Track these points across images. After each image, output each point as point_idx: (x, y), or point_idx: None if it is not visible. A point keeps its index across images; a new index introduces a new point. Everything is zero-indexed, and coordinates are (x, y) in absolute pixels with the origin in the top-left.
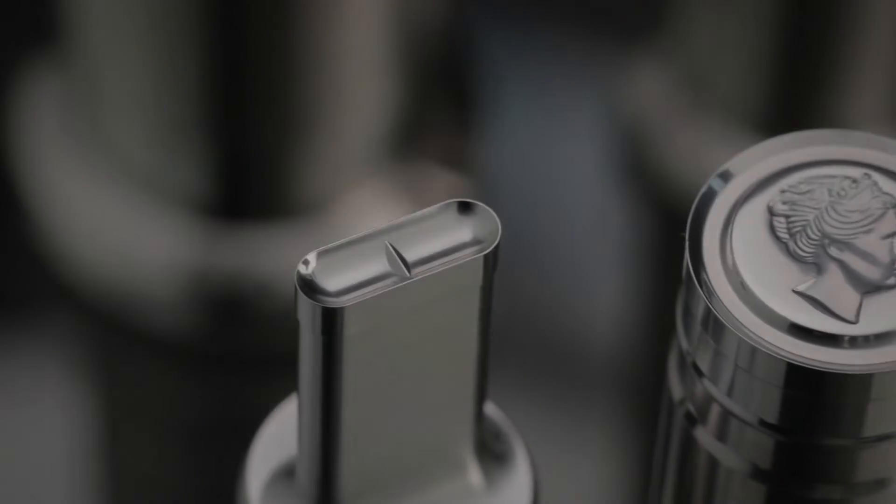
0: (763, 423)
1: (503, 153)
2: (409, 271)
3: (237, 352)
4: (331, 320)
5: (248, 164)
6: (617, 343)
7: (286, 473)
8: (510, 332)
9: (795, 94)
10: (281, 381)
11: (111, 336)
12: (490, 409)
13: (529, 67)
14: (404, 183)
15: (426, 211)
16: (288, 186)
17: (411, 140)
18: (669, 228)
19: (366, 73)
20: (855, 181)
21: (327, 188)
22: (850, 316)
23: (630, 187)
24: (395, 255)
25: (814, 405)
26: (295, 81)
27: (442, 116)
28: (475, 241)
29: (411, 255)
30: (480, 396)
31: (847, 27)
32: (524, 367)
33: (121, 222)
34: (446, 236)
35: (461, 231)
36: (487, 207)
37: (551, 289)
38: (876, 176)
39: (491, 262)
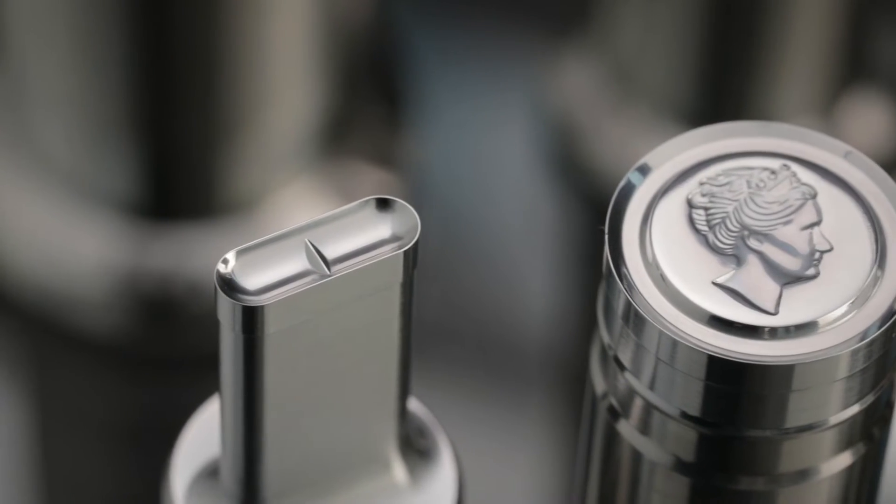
0: (685, 415)
1: (433, 149)
2: (328, 269)
3: (167, 352)
4: (251, 319)
5: (177, 165)
6: (543, 337)
7: (210, 473)
8: (435, 327)
9: (723, 87)
10: (210, 381)
11: (41, 337)
12: (414, 405)
13: (458, 63)
14: (333, 181)
15: (345, 208)
16: (217, 186)
17: (340, 138)
18: (598, 221)
19: (293, 71)
20: (774, 172)
21: (256, 187)
22: (770, 307)
23: (559, 181)
24: (315, 253)
25: (735, 397)
26: (222, 81)
27: (370, 113)
28: (394, 238)
29: (331, 253)
30: (403, 393)
31: (773, 19)
32: (448, 363)
33: (50, 224)
34: (366, 233)
35: (380, 228)
36: (406, 204)
37: (479, 283)
38: (794, 167)
39: (411, 258)
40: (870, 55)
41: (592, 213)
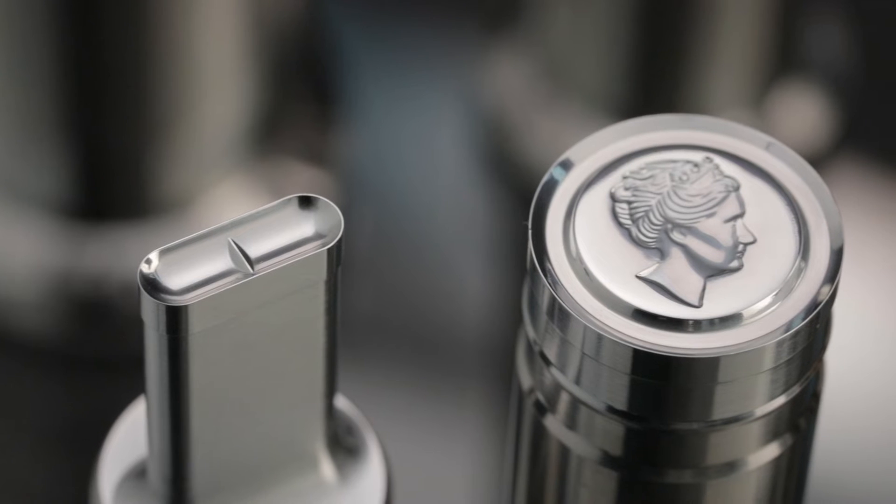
0: (612, 409)
1: (364, 146)
2: (252, 267)
3: (101, 353)
4: (175, 319)
5: (109, 165)
6: (472, 333)
7: (138, 474)
8: (365, 323)
9: (654, 81)
10: (143, 382)
11: None
12: (342, 402)
13: (389, 60)
14: (265, 179)
15: (268, 206)
16: (149, 186)
17: (271, 136)
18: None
19: (223, 70)
20: (696, 165)
21: (189, 186)
22: (694, 300)
23: (492, 176)
24: (238, 252)
25: (662, 390)
26: (152, 81)
27: (302, 112)
28: (318, 236)
29: (254, 252)
30: (330, 391)
31: (703, 13)
32: (377, 360)
33: None
34: (289, 231)
35: (304, 226)
36: (329, 202)
37: (411, 280)
38: (717, 159)
39: (335, 256)
40: (799, 48)
41: (524, 208)
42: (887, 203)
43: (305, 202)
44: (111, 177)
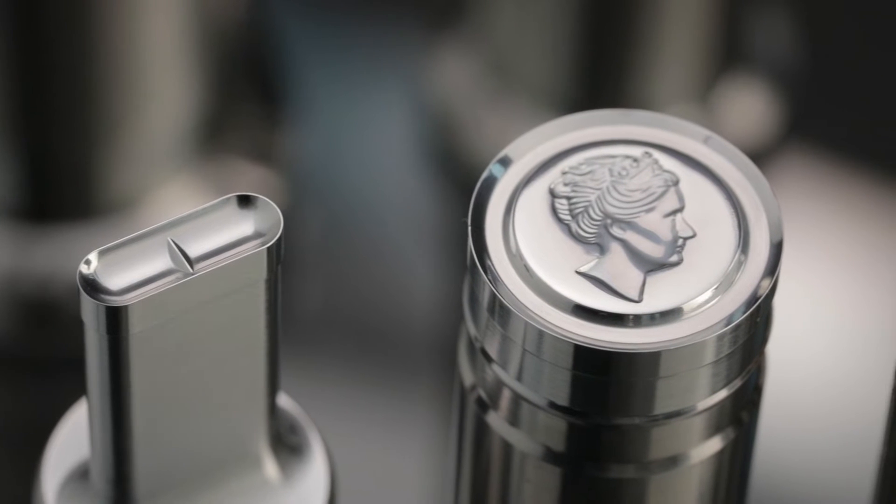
0: (554, 405)
1: (311, 144)
2: (191, 267)
3: (47, 354)
4: (115, 319)
5: (55, 166)
6: (417, 330)
7: (81, 475)
8: (311, 321)
9: (600, 76)
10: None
11: None
12: (285, 401)
13: (335, 58)
14: (212, 178)
15: (207, 206)
16: (95, 186)
17: (218, 135)
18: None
19: (168, 69)
20: (636, 160)
21: (135, 186)
22: (634, 295)
23: (439, 173)
24: (178, 252)
25: (603, 386)
26: (96, 81)
27: (248, 111)
28: (257, 235)
29: (194, 251)
30: (272, 389)
31: (648, 8)
32: (322, 358)
33: None
34: (228, 231)
35: (243, 225)
36: (269, 200)
37: (359, 277)
38: (657, 154)
39: (274, 254)
40: (745, 42)
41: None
42: (832, 196)
43: (244, 201)
44: (57, 178)
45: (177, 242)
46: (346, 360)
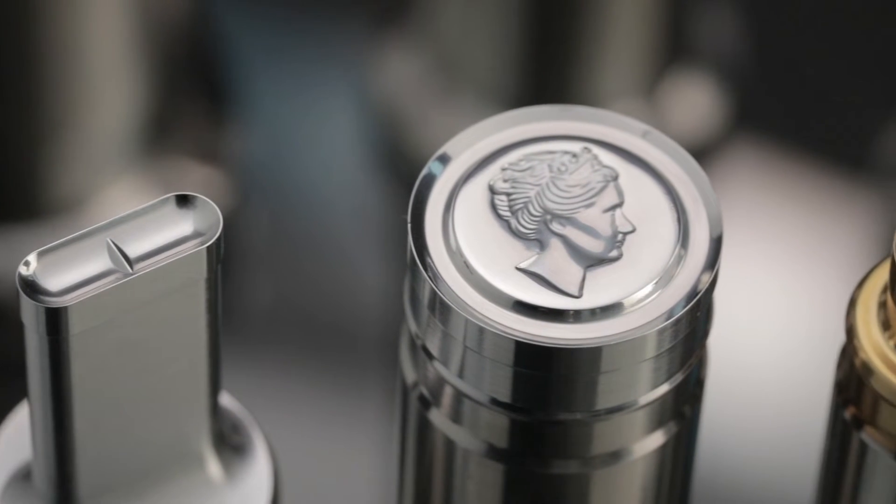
0: (495, 402)
1: (258, 142)
2: (131, 267)
3: None
4: (55, 320)
5: (0, 167)
6: (360, 328)
7: (24, 476)
8: (250, 320)
9: (546, 72)
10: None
11: None
12: (227, 400)
13: (281, 56)
14: (159, 178)
15: (146, 206)
16: (41, 187)
17: (163, 135)
18: None
19: (111, 69)
20: (575, 156)
21: (81, 187)
22: (574, 290)
23: (387, 171)
24: (117, 252)
25: (545, 381)
26: (40, 81)
27: (193, 110)
28: (196, 234)
29: (133, 251)
30: (214, 389)
31: (593, 4)
32: (262, 357)
33: None
34: (168, 230)
35: (182, 224)
36: (208, 199)
37: (306, 276)
38: (596, 149)
39: (214, 254)
40: (690, 36)
41: None
42: (777, 188)
43: (183, 201)
44: (2, 178)
45: (116, 243)
46: (290, 358)
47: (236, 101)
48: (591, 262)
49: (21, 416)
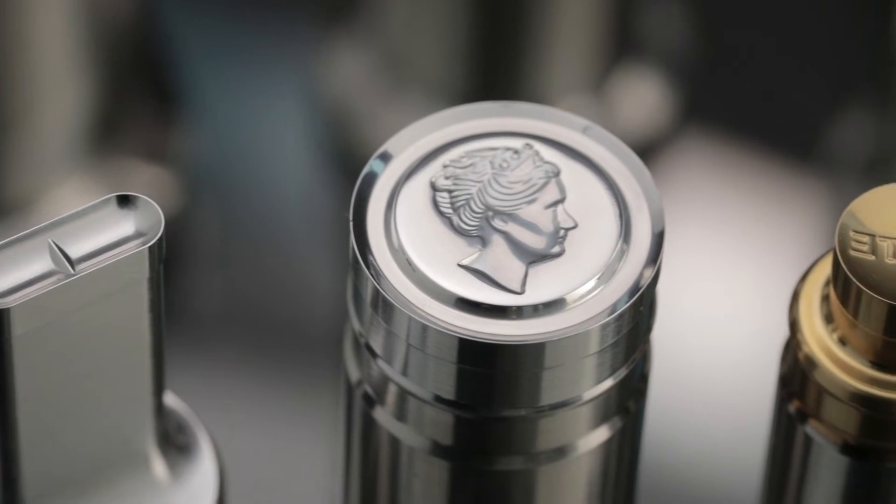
0: (440, 399)
1: (207, 142)
2: (73, 268)
3: None
4: None
5: None
6: (306, 327)
7: None
8: (197, 320)
9: (495, 69)
10: None
11: None
12: (172, 400)
13: (228, 55)
14: (107, 179)
15: (87, 206)
16: None
17: (111, 136)
18: None
19: (58, 70)
20: (517, 152)
21: (29, 188)
22: (517, 287)
23: (336, 168)
24: (59, 253)
25: (488, 378)
26: None
27: (141, 110)
28: (138, 234)
29: (74, 252)
30: (158, 389)
31: (540, 1)
32: (208, 356)
33: None
34: (109, 231)
35: (124, 225)
36: (149, 199)
37: (253, 275)
38: (538, 146)
39: (156, 253)
40: (637, 32)
41: None
42: (726, 183)
43: (124, 201)
44: None
45: (57, 244)
46: (235, 357)
47: (184, 101)
48: (534, 258)
49: None
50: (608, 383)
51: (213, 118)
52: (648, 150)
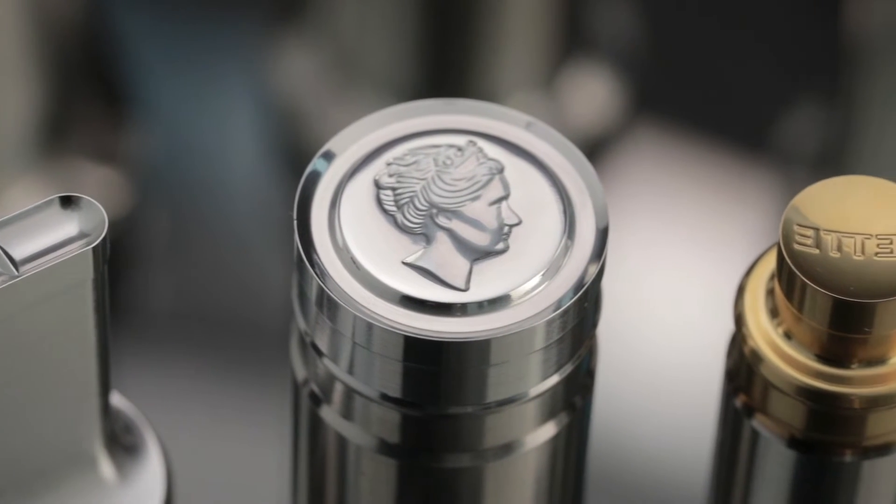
0: (386, 397)
1: (157, 142)
2: (16, 269)
3: None
4: None
5: None
6: (253, 326)
7: None
8: (140, 321)
9: (445, 66)
10: None
11: None
12: (119, 401)
13: (178, 55)
14: (57, 180)
15: (30, 208)
16: None
17: (62, 137)
18: None
19: (6, 71)
20: (460, 149)
21: None
22: (461, 284)
23: (286, 167)
24: (2, 254)
25: (434, 376)
26: None
27: (91, 111)
28: (82, 235)
29: (18, 253)
30: (105, 389)
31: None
32: (156, 356)
33: None
34: (53, 232)
35: (68, 225)
36: (93, 200)
37: (203, 274)
38: (481, 142)
39: (100, 254)
40: (587, 27)
41: None
42: (675, 177)
43: (67, 202)
44: None
45: (1, 245)
46: (182, 357)
47: (134, 101)
48: (478, 255)
49: None
50: (554, 379)
51: (162, 117)
52: (599, 146)
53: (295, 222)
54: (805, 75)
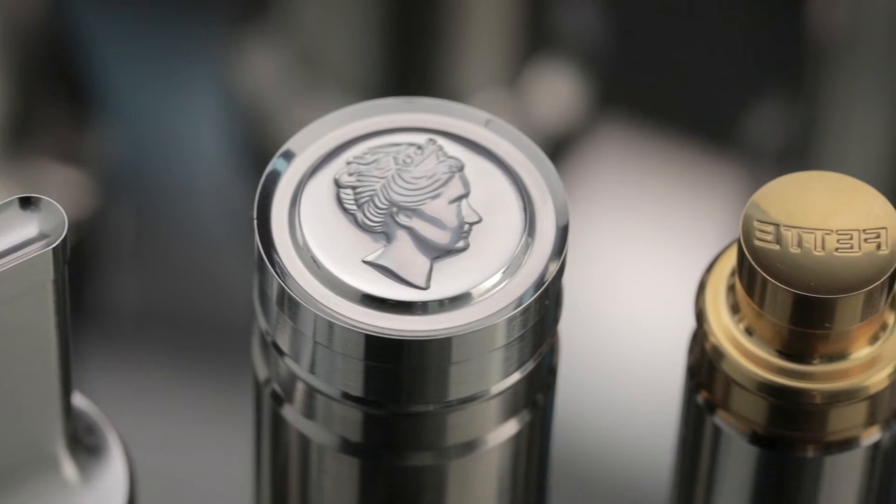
0: (347, 396)
1: (122, 142)
2: None
3: None
4: None
5: None
6: (215, 326)
7: None
8: (103, 321)
9: (409, 64)
10: None
11: None
12: (81, 401)
13: (142, 55)
14: (20, 181)
15: None
16: None
17: (25, 138)
18: None
19: None
20: (420, 147)
21: None
22: (421, 282)
23: (251, 167)
24: None
25: (396, 374)
26: None
27: (54, 112)
28: (42, 236)
29: None
30: (66, 390)
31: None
32: (117, 357)
33: None
34: (12, 233)
35: (27, 227)
36: (52, 201)
37: (167, 275)
38: (441, 141)
39: (60, 255)
40: (552, 25)
41: None
42: (640, 174)
43: (27, 203)
44: None
45: None
46: (145, 357)
47: (97, 101)
48: (438, 253)
49: None
50: (516, 377)
51: (126, 117)
52: (563, 143)
53: (255, 222)
54: (768, 71)
